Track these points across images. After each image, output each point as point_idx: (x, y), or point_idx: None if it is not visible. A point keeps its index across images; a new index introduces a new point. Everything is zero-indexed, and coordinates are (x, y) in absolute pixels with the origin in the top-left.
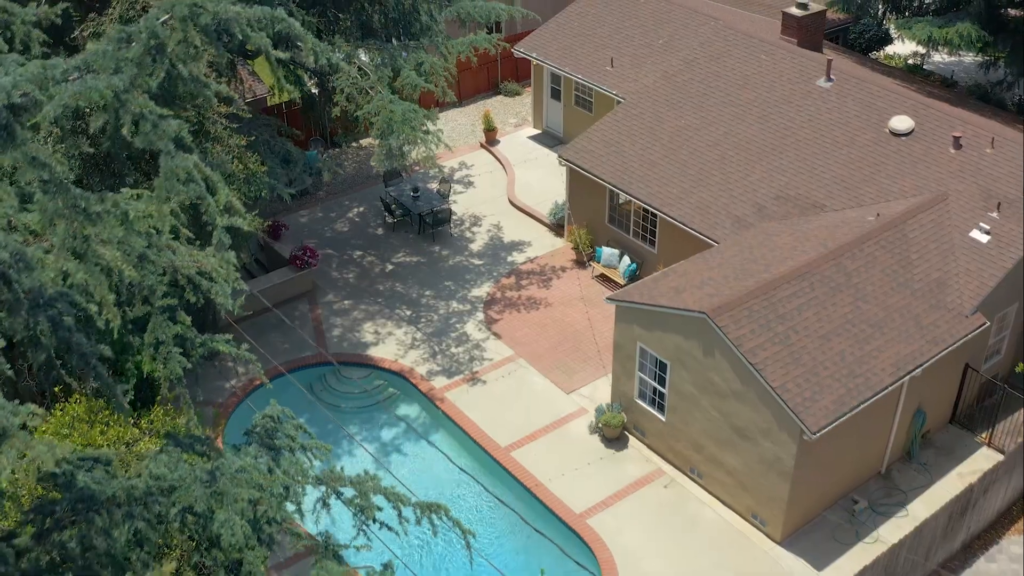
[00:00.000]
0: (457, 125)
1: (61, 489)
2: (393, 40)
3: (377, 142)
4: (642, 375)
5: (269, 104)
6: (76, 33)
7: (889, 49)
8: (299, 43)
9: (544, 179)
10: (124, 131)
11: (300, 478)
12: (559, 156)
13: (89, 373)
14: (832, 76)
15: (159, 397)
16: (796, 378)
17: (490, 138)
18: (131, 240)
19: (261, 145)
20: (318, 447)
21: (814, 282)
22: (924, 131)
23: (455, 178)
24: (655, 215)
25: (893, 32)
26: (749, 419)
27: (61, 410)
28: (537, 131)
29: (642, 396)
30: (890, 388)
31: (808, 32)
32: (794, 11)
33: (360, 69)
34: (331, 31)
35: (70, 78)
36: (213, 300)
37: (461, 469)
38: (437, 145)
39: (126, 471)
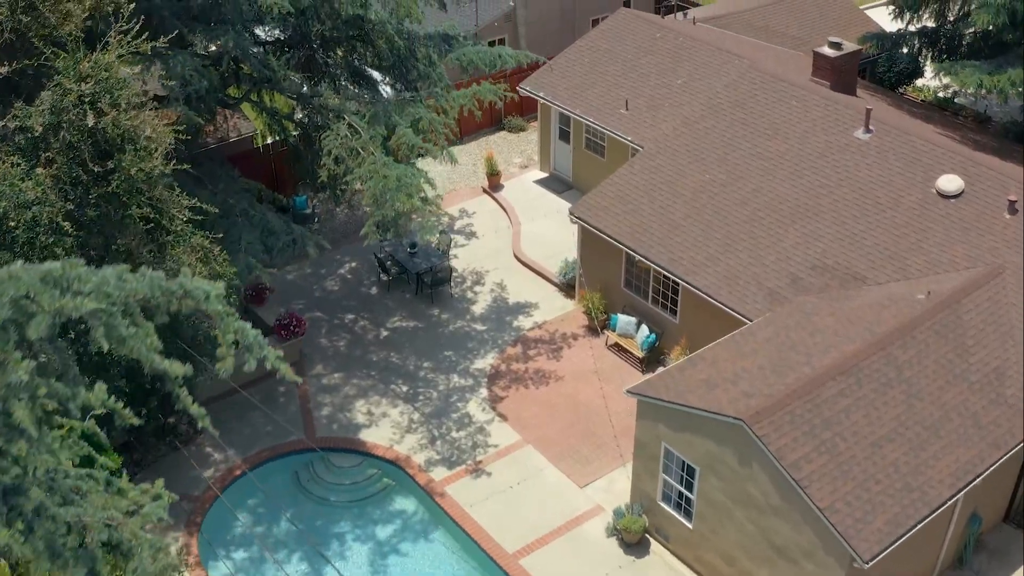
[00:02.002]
0: (458, 165)
1: None
2: (388, 88)
3: (369, 210)
4: (666, 477)
5: (256, 145)
6: (2, 123)
7: (918, 81)
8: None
9: (552, 230)
10: None
11: None
12: (570, 213)
13: None
14: (871, 127)
15: None
16: (845, 495)
17: (493, 183)
18: None
19: (238, 216)
20: None
21: (862, 378)
22: (975, 192)
23: (455, 228)
24: (677, 282)
25: (928, 70)
26: (790, 538)
27: None
28: (544, 174)
29: (666, 499)
30: (949, 503)
31: (842, 74)
32: (827, 51)
33: (351, 126)
34: (319, 77)
35: None
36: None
37: None
38: (437, 211)
39: None
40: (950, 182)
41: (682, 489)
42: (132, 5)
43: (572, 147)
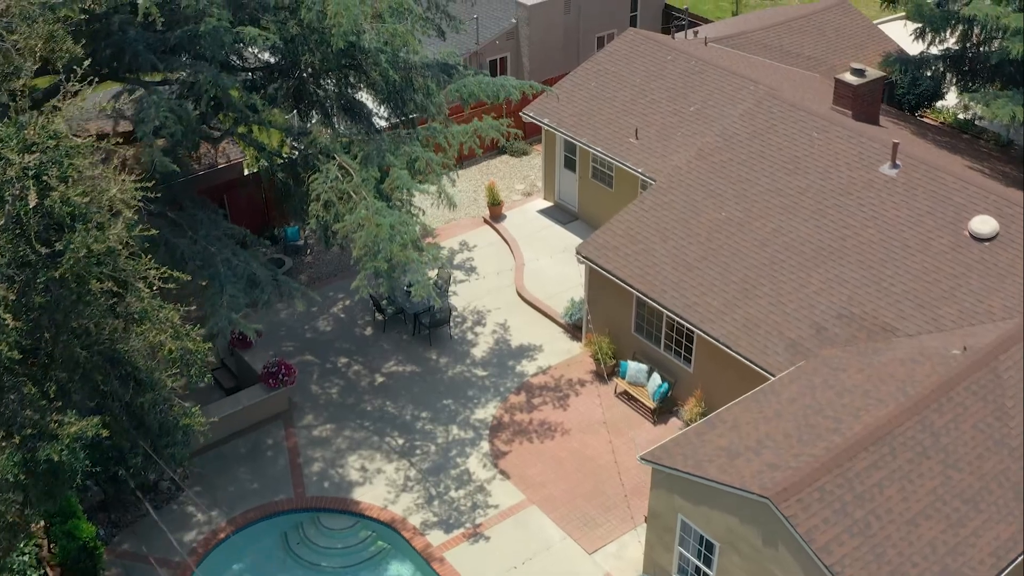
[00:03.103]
0: (457, 192)
1: None
2: (383, 121)
3: (360, 262)
4: (683, 550)
5: (246, 172)
6: None
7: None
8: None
9: (557, 265)
10: None
11: None
12: (577, 252)
13: None
14: (898, 162)
15: None
16: None
17: (495, 213)
18: None
19: (220, 265)
20: None
21: (896, 447)
22: (1010, 235)
23: (455, 262)
24: (692, 329)
25: (952, 94)
26: None
27: None
28: (548, 203)
29: (682, 572)
30: None
31: (864, 103)
32: (849, 79)
33: (341, 167)
34: (309, 106)
35: None
36: None
37: None
38: (435, 261)
39: None
40: (984, 223)
41: (699, 564)
42: (89, 60)
43: (578, 176)
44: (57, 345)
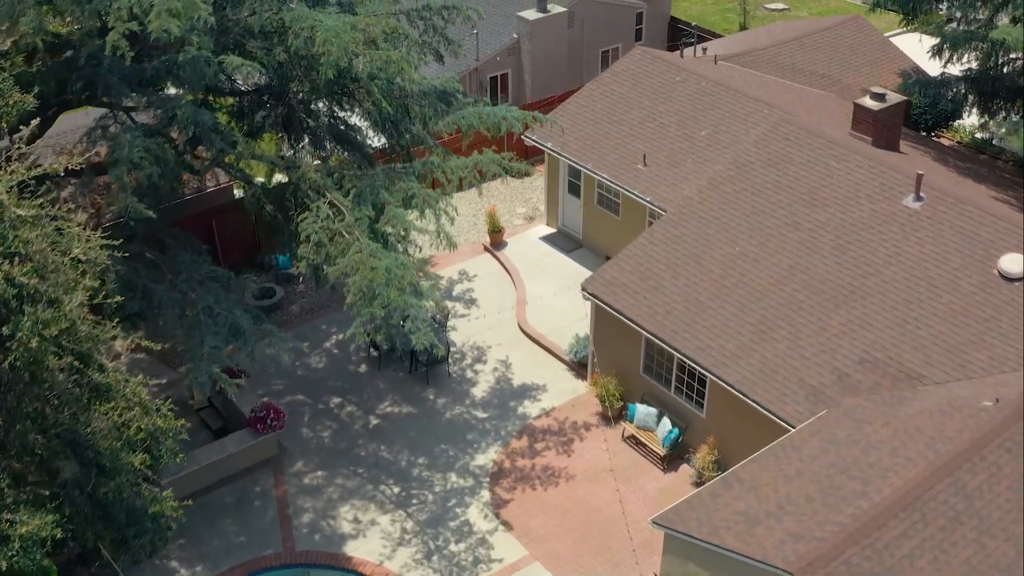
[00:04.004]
0: (456, 217)
1: None
2: (376, 148)
3: (353, 311)
4: None
5: (236, 197)
6: None
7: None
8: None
9: (560, 297)
10: None
11: None
12: (583, 289)
13: None
14: (922, 194)
15: None
16: None
17: (495, 241)
18: None
19: (201, 314)
20: None
21: (927, 513)
22: None
23: (454, 293)
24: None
25: (973, 116)
26: None
27: None
28: (551, 230)
29: None
30: None
31: (885, 129)
32: (869, 104)
33: (332, 205)
34: (299, 134)
35: None
36: None
37: None
38: (435, 305)
39: None
40: (1014, 262)
41: None
42: (37, 121)
43: (582, 202)
44: (9, 432)
